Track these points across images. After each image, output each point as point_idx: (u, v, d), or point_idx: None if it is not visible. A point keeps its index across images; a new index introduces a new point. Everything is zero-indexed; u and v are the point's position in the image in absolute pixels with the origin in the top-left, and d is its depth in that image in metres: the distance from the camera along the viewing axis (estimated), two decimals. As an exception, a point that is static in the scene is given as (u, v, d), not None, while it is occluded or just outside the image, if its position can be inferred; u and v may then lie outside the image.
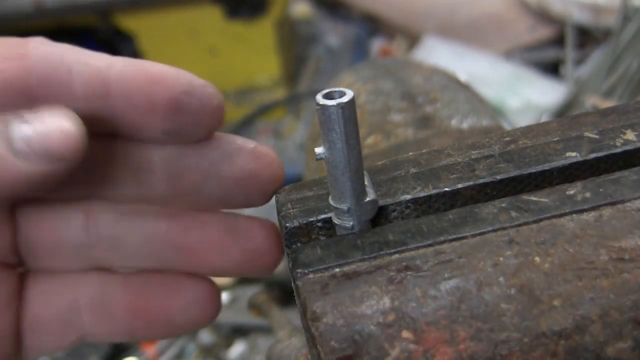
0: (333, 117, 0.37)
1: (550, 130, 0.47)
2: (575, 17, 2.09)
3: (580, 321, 0.35)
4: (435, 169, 0.45)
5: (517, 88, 1.93)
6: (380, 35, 2.46)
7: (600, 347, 0.35)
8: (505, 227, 0.39)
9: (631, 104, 0.48)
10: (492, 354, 0.34)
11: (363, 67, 0.98)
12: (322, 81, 2.29)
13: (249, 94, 2.16)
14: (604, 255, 0.37)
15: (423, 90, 0.84)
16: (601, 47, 2.00)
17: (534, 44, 2.17)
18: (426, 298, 0.36)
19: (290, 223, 0.42)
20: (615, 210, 0.39)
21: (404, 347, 0.35)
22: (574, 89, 1.85)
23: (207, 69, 2.11)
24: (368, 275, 0.38)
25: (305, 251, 0.40)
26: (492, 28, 2.28)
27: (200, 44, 2.05)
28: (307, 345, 0.40)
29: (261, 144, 0.46)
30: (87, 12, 2.00)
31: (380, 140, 0.75)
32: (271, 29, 2.05)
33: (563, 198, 0.41)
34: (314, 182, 0.46)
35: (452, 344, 0.35)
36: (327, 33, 2.56)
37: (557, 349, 0.35)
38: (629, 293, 0.35)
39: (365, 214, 0.41)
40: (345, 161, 0.38)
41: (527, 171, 0.43)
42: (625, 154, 0.44)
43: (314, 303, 0.37)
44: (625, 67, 1.67)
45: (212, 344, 1.61)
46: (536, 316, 0.35)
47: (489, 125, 0.77)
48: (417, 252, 0.39)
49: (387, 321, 0.36)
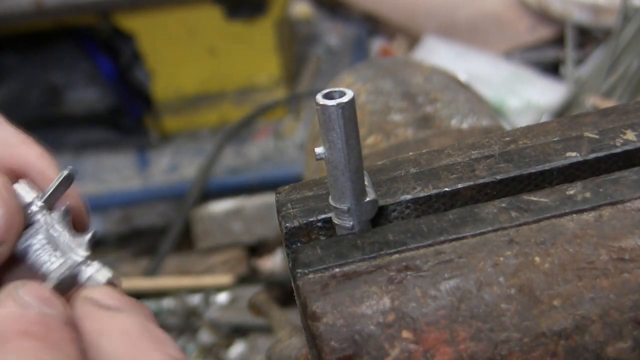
0: (333, 117, 0.37)
1: (550, 130, 0.47)
2: (575, 17, 2.09)
3: (580, 321, 0.35)
4: (435, 169, 0.45)
5: (517, 88, 1.93)
6: (380, 35, 2.46)
7: (600, 347, 0.35)
8: (505, 227, 0.39)
9: (631, 104, 0.48)
10: (492, 354, 0.34)
11: (363, 67, 0.98)
12: (322, 81, 2.29)
13: (249, 94, 2.16)
14: (604, 255, 0.37)
15: (423, 90, 0.84)
16: (601, 47, 2.00)
17: (534, 44, 2.18)
18: (426, 298, 0.36)
19: (290, 223, 0.42)
20: (615, 210, 0.39)
21: (404, 347, 0.35)
22: (574, 89, 1.85)
23: (207, 69, 2.11)
24: (368, 275, 0.38)
25: (305, 251, 0.40)
26: (492, 28, 2.28)
27: (200, 44, 2.05)
28: (307, 345, 0.40)
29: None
30: (87, 12, 1.99)
31: (380, 140, 0.75)
32: (271, 29, 2.05)
33: (563, 198, 0.41)
34: (314, 182, 0.46)
35: (452, 344, 0.35)
36: (327, 33, 2.56)
37: (557, 349, 0.35)
38: (629, 293, 0.35)
39: (365, 214, 0.41)
40: (345, 161, 0.38)
41: (527, 171, 0.43)
42: (625, 154, 0.44)
43: (314, 303, 0.37)
44: (625, 67, 1.67)
45: (212, 344, 1.61)
46: (536, 316, 0.35)
47: (489, 125, 0.77)
48: (417, 252, 0.39)
49: (387, 321, 0.36)
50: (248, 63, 2.11)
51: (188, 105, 2.15)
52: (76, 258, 0.41)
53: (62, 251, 0.42)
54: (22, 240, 0.43)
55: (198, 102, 2.16)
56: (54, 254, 0.42)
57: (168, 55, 2.07)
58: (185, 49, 2.07)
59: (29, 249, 0.43)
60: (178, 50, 2.07)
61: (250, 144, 2.12)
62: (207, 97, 2.16)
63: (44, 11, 1.92)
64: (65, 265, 0.41)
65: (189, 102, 2.15)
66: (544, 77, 1.99)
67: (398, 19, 2.39)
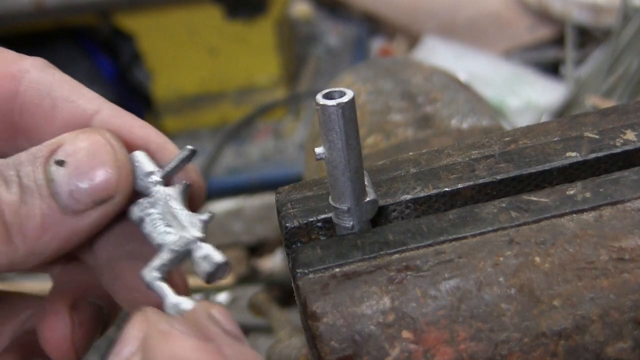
0: (333, 117, 0.37)
1: (550, 130, 0.47)
2: (575, 17, 2.09)
3: (580, 321, 0.35)
4: (435, 169, 0.45)
5: (517, 88, 1.93)
6: (380, 35, 2.46)
7: (600, 347, 0.35)
8: (505, 227, 0.39)
9: (631, 104, 0.48)
10: (492, 354, 0.34)
11: (363, 67, 0.98)
12: (322, 81, 2.29)
13: (249, 94, 2.16)
14: (604, 255, 0.37)
15: (423, 90, 0.84)
16: (601, 47, 2.00)
17: (534, 44, 2.17)
18: (426, 298, 0.36)
19: (290, 223, 0.42)
20: (615, 210, 0.39)
21: (404, 347, 0.35)
22: (574, 89, 1.85)
23: (207, 69, 2.11)
24: (368, 275, 0.38)
25: (305, 251, 0.40)
26: (492, 28, 2.28)
27: (200, 44, 2.05)
28: (307, 345, 0.40)
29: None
30: (87, 12, 1.99)
31: (380, 140, 0.75)
32: (271, 29, 2.05)
33: (563, 198, 0.41)
34: (314, 182, 0.46)
35: (452, 344, 0.35)
36: (327, 33, 2.56)
37: (557, 349, 0.35)
38: (629, 293, 0.36)
39: (365, 214, 0.41)
40: (345, 161, 0.38)
41: (527, 171, 0.43)
42: (625, 154, 0.44)
43: (314, 303, 0.37)
44: (625, 67, 1.67)
45: (212, 344, 1.60)
46: (536, 316, 0.35)
47: (489, 125, 0.77)
48: (417, 252, 0.39)
49: (387, 321, 0.36)
50: (248, 63, 2.11)
51: (188, 105, 2.15)
52: (192, 236, 0.41)
53: (178, 227, 0.41)
54: (139, 208, 0.42)
55: (198, 102, 2.16)
56: (169, 229, 0.41)
57: (168, 55, 2.07)
58: (185, 49, 2.07)
59: (146, 218, 0.42)
60: (178, 50, 2.07)
61: (250, 144, 2.12)
62: (207, 97, 2.16)
63: (44, 11, 1.92)
64: (182, 241, 0.40)
65: (189, 102, 2.15)
66: (543, 77, 1.99)
67: (398, 19, 2.39)
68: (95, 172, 0.38)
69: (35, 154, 0.39)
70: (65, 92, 0.42)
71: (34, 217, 0.38)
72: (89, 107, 0.42)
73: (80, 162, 0.38)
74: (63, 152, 0.39)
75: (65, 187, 0.38)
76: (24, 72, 0.41)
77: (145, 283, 0.40)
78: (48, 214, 0.38)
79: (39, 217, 0.38)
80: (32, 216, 0.38)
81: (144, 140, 0.43)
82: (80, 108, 0.41)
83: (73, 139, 0.39)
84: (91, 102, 0.42)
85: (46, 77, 0.42)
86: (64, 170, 0.38)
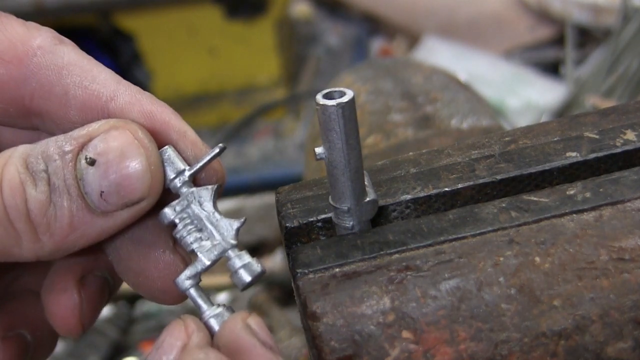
0: (333, 117, 0.37)
1: (550, 130, 0.47)
2: (575, 17, 2.09)
3: (580, 321, 0.35)
4: (435, 169, 0.45)
5: (517, 88, 1.93)
6: (380, 35, 2.46)
7: (600, 347, 0.35)
8: (505, 227, 0.39)
9: (631, 104, 0.48)
10: (492, 354, 0.34)
11: (363, 67, 0.98)
12: (322, 81, 2.29)
13: (249, 94, 2.16)
14: (604, 255, 0.37)
15: (423, 90, 0.84)
16: (601, 47, 2.00)
17: (534, 44, 2.17)
18: (426, 298, 0.36)
19: (290, 223, 0.42)
20: (615, 210, 0.39)
21: (404, 347, 0.35)
22: (574, 89, 1.85)
23: (207, 69, 2.11)
24: (368, 275, 0.38)
25: (305, 251, 0.40)
26: (492, 28, 2.28)
27: (200, 44, 2.06)
28: (307, 345, 0.40)
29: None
30: (87, 12, 2.00)
31: (380, 140, 0.75)
32: (271, 29, 2.05)
33: (563, 198, 0.41)
34: (314, 182, 0.46)
35: (452, 344, 0.35)
36: (327, 33, 2.56)
37: (557, 349, 0.35)
38: (629, 293, 0.35)
39: (365, 214, 0.41)
40: (345, 161, 0.38)
41: (527, 171, 0.43)
42: (625, 154, 0.44)
43: (314, 303, 0.37)
44: (625, 67, 1.67)
45: (212, 344, 1.60)
46: (536, 316, 0.35)
47: (489, 125, 0.77)
48: (417, 252, 0.39)
49: (387, 321, 0.36)
50: (248, 63, 2.11)
51: (188, 105, 2.15)
52: (227, 244, 0.40)
53: (211, 233, 0.41)
54: (171, 211, 0.41)
55: (198, 102, 2.16)
56: (203, 234, 0.41)
57: (168, 55, 2.07)
58: (185, 49, 2.07)
59: (180, 222, 0.41)
60: (178, 50, 2.08)
61: (250, 144, 2.12)
62: (207, 97, 2.16)
63: (44, 11, 1.92)
64: (218, 250, 0.40)
65: (189, 102, 2.15)
66: (543, 77, 1.99)
67: (398, 19, 2.39)
68: (127, 175, 0.38)
69: (63, 148, 0.38)
70: (76, 77, 0.40)
71: (62, 218, 0.37)
72: (103, 91, 0.40)
73: (111, 162, 0.38)
74: (93, 149, 0.38)
75: (96, 188, 0.37)
76: (32, 56, 0.40)
77: (181, 291, 0.40)
78: (77, 214, 0.37)
79: (67, 218, 0.37)
80: (61, 217, 0.37)
81: (165, 126, 0.42)
82: (95, 94, 0.40)
83: (104, 135, 0.38)
84: (105, 85, 0.40)
85: (56, 61, 0.40)
86: (94, 170, 0.37)
